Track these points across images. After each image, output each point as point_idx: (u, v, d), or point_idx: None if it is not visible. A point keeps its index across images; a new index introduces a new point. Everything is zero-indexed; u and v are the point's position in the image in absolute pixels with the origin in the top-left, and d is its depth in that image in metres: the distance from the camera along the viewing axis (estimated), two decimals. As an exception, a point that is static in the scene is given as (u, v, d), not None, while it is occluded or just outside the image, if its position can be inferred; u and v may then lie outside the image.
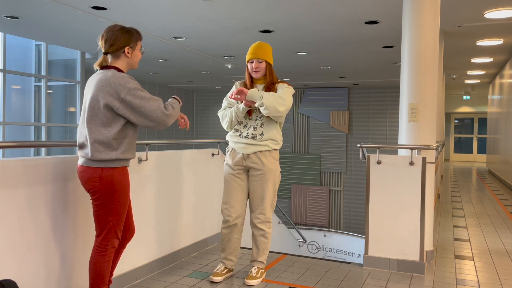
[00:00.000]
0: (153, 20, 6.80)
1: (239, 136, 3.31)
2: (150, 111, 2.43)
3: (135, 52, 2.57)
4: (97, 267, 2.49)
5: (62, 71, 10.88)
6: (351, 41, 7.92)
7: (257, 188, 3.29)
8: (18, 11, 6.51)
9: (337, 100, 15.56)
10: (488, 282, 3.60)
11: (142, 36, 2.62)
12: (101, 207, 2.46)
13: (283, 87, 3.29)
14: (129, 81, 2.42)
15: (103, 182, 2.42)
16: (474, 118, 19.65)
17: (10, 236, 2.37)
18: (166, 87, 15.87)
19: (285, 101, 3.18)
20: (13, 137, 9.59)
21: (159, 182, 3.63)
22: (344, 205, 15.41)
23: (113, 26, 2.53)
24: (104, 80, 2.41)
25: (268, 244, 3.40)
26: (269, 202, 3.32)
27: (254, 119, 3.30)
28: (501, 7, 5.83)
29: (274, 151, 3.33)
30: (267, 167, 3.26)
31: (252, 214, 3.35)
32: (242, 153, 3.28)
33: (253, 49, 3.29)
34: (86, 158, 2.44)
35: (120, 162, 2.47)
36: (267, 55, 3.28)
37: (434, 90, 4.15)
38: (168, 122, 2.51)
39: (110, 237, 2.49)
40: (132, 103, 2.40)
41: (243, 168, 3.32)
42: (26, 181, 2.47)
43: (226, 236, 3.39)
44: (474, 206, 7.45)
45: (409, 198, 3.74)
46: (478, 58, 9.73)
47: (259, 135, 3.26)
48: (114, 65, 2.52)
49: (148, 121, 2.45)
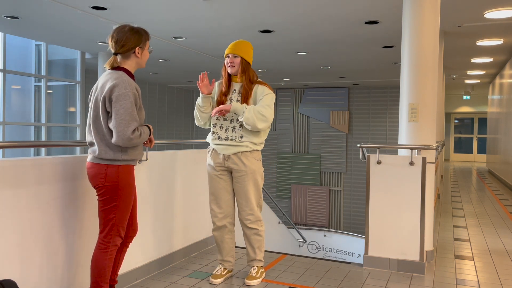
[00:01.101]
0: (153, 20, 6.80)
1: (218, 139, 3.27)
2: (118, 123, 2.41)
3: (145, 52, 2.63)
4: (99, 264, 2.52)
5: (62, 71, 10.88)
6: (351, 41, 7.92)
7: (240, 189, 3.25)
8: (18, 11, 6.51)
9: (337, 100, 15.56)
10: (488, 282, 3.60)
11: (150, 35, 2.67)
12: (105, 204, 2.51)
13: (264, 92, 3.20)
14: (126, 87, 2.45)
15: (108, 179, 2.48)
16: (474, 118, 19.65)
17: (10, 236, 2.37)
18: (166, 87, 15.86)
19: (266, 118, 3.12)
20: (13, 137, 9.59)
21: (159, 181, 3.63)
22: (344, 205, 15.41)
23: (123, 27, 2.57)
24: (109, 82, 2.47)
25: (262, 242, 3.36)
26: (255, 202, 3.28)
27: (230, 119, 3.23)
28: (501, 7, 5.83)
29: (255, 152, 3.26)
30: (248, 167, 3.21)
31: (241, 216, 3.31)
32: (223, 153, 3.25)
33: (231, 44, 3.27)
34: (93, 155, 2.52)
35: (125, 161, 2.53)
36: (243, 52, 3.22)
37: (434, 90, 4.15)
38: (127, 145, 2.46)
39: (113, 234, 2.53)
40: (113, 106, 2.42)
41: (225, 169, 3.29)
42: (26, 181, 2.47)
43: (218, 238, 3.39)
44: (474, 206, 7.45)
45: (409, 198, 3.73)
46: (478, 58, 9.73)
47: (239, 137, 3.20)
48: (123, 65, 2.57)
49: (113, 130, 2.44)
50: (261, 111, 3.11)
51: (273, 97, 3.24)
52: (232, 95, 3.26)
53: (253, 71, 3.29)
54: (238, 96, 3.23)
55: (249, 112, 3.09)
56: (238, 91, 3.24)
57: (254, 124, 3.10)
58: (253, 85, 3.24)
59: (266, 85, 3.26)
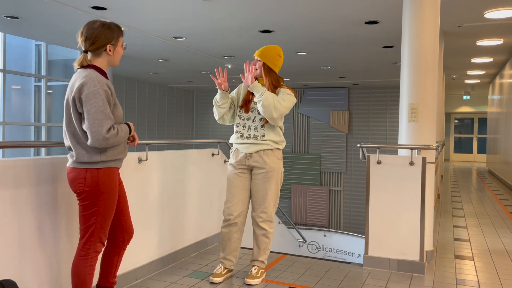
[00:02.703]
0: (153, 20, 6.80)
1: (241, 137, 3.33)
2: (91, 124, 2.27)
3: (117, 49, 2.47)
4: (79, 271, 2.40)
5: (62, 71, 10.88)
6: (351, 41, 7.92)
7: (259, 187, 3.29)
8: (18, 11, 6.51)
9: (337, 100, 15.56)
10: (488, 282, 3.60)
11: (123, 31, 2.51)
12: (85, 209, 2.39)
13: (285, 92, 3.29)
14: (95, 85, 2.30)
15: (87, 183, 2.36)
16: (474, 118, 19.65)
17: (10, 236, 2.37)
18: (166, 87, 15.86)
19: (281, 107, 3.18)
20: (13, 137, 9.59)
21: (159, 182, 3.63)
22: (344, 205, 15.41)
23: (93, 23, 2.41)
24: (77, 81, 2.34)
25: (269, 244, 3.39)
26: (272, 201, 3.32)
27: (252, 118, 3.31)
28: (501, 7, 5.83)
29: (276, 150, 3.32)
30: (269, 165, 3.26)
31: (254, 213, 3.34)
32: (245, 152, 3.30)
33: (261, 48, 3.37)
34: (72, 159, 2.41)
35: (106, 163, 2.40)
36: (266, 57, 3.30)
37: (434, 90, 4.15)
38: (104, 145, 2.32)
39: (93, 240, 2.41)
40: (84, 106, 2.29)
41: (246, 167, 3.33)
42: (26, 181, 2.46)
43: (226, 235, 3.38)
44: (474, 206, 7.45)
45: (409, 198, 3.73)
46: (478, 58, 9.73)
47: (261, 136, 3.27)
48: (94, 63, 2.41)
49: (87, 131, 2.31)
50: (279, 100, 3.19)
51: (293, 98, 3.28)
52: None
53: (279, 77, 3.37)
54: None
55: (269, 94, 3.16)
56: None
57: (270, 107, 3.14)
58: (276, 89, 3.32)
59: (289, 89, 3.33)
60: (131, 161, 3.27)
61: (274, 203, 3.36)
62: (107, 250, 2.63)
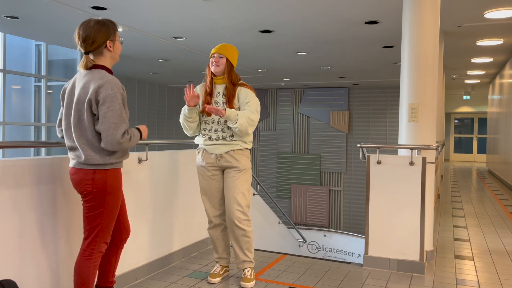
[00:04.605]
0: (153, 20, 6.80)
1: (209, 139, 3.29)
2: (107, 127, 2.29)
3: (116, 44, 2.47)
4: (82, 271, 2.40)
5: (62, 71, 10.88)
6: (351, 41, 7.92)
7: (233, 186, 3.24)
8: (18, 11, 6.51)
9: (337, 100, 15.56)
10: (488, 282, 3.60)
11: (117, 25, 2.51)
12: (92, 209, 2.39)
13: (247, 95, 3.24)
14: (113, 88, 2.32)
15: (96, 184, 2.36)
16: (474, 118, 19.65)
17: (10, 236, 2.37)
18: (166, 87, 15.86)
19: (254, 123, 3.20)
20: (13, 137, 9.59)
21: (159, 181, 3.63)
22: (344, 205, 15.41)
23: (87, 22, 2.39)
24: (92, 82, 2.33)
25: (251, 242, 3.34)
26: (246, 199, 3.29)
27: (216, 121, 3.26)
28: (501, 7, 5.83)
29: (246, 150, 3.32)
30: (242, 164, 3.25)
31: (232, 215, 3.25)
32: (215, 153, 3.27)
33: (218, 45, 3.33)
34: (77, 160, 2.39)
35: (113, 164, 2.42)
36: (229, 54, 3.28)
37: (434, 90, 4.15)
38: (117, 149, 2.36)
39: (98, 241, 2.42)
40: (101, 108, 2.30)
41: (217, 168, 3.30)
42: (26, 181, 2.47)
43: (214, 236, 3.44)
44: (474, 206, 7.45)
45: (409, 198, 3.74)
46: (478, 58, 9.73)
47: (229, 136, 3.25)
48: (98, 63, 2.41)
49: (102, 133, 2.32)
50: (251, 117, 3.17)
51: (258, 101, 3.29)
52: (216, 98, 3.29)
53: (237, 74, 3.33)
54: (223, 98, 3.26)
55: (241, 118, 3.13)
56: (222, 93, 3.28)
57: (246, 130, 3.17)
58: (236, 87, 3.28)
59: (249, 88, 3.30)
60: (131, 161, 3.27)
61: (248, 202, 3.33)
62: (106, 250, 2.62)
